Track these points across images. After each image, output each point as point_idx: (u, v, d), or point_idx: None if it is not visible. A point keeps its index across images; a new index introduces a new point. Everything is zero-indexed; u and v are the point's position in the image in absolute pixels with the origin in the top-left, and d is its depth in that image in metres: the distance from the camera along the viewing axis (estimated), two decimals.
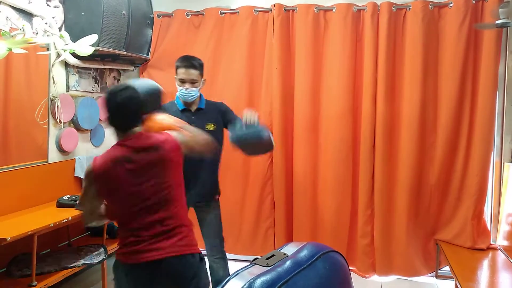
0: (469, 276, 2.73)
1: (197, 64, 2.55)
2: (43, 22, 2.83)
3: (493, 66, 3.07)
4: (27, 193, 2.84)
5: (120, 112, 1.74)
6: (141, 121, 1.79)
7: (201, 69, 2.57)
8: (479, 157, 3.13)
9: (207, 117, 2.57)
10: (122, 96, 1.72)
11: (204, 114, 2.58)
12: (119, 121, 1.76)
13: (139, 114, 1.78)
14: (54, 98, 3.04)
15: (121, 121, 1.76)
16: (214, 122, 2.57)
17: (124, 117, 1.75)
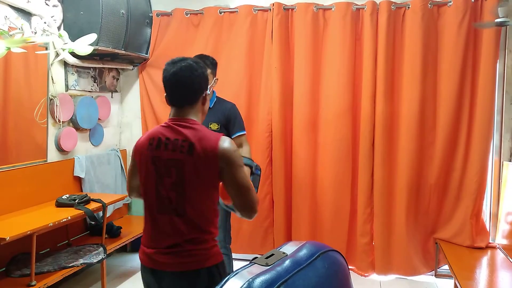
0: (468, 274, 2.74)
1: (210, 63, 2.60)
2: (42, 21, 2.82)
3: (492, 65, 3.08)
4: (26, 193, 2.84)
5: (172, 83, 1.57)
6: (195, 100, 1.58)
7: (212, 67, 2.61)
8: (478, 156, 3.13)
9: (212, 117, 2.59)
10: (178, 66, 1.56)
11: (210, 113, 2.50)
12: (170, 94, 1.59)
13: (192, 89, 1.57)
14: (53, 98, 3.03)
15: (172, 94, 1.58)
16: (217, 122, 2.62)
17: (175, 90, 1.57)
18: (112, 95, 3.75)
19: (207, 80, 1.63)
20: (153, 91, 3.72)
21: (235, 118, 2.66)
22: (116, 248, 3.20)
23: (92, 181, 3.37)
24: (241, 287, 0.64)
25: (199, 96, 1.59)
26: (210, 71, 2.54)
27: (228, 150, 1.49)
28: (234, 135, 2.62)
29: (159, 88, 3.71)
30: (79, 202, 2.83)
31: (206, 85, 1.62)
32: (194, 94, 1.58)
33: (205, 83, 1.61)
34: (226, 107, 2.68)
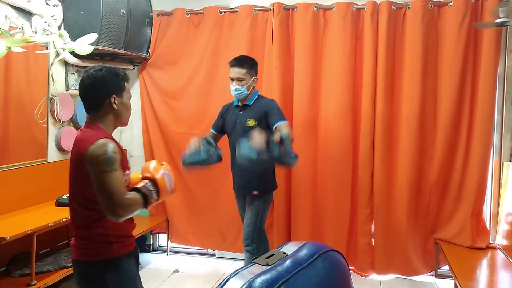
0: (468, 275, 2.74)
1: (244, 63, 2.77)
2: (42, 21, 2.82)
3: (492, 65, 3.08)
4: (26, 192, 2.84)
5: (79, 94, 1.71)
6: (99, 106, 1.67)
7: (249, 67, 2.76)
8: (479, 156, 3.13)
9: (250, 113, 2.76)
10: (81, 79, 1.69)
11: (249, 110, 2.78)
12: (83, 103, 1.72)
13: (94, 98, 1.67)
14: (54, 97, 3.03)
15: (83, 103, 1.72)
16: (255, 118, 2.73)
17: (82, 100, 1.71)
18: None
19: (106, 86, 1.66)
20: (154, 91, 3.72)
21: (272, 110, 2.71)
22: None
23: None
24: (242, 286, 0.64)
25: (98, 103, 1.67)
26: (246, 71, 2.74)
27: (90, 155, 1.55)
28: (274, 126, 2.64)
29: (160, 88, 3.71)
30: None
31: (106, 91, 1.65)
32: (90, 102, 1.68)
33: (105, 89, 1.66)
34: (264, 103, 2.78)
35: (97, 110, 1.68)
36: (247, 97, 2.81)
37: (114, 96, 1.68)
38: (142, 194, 1.62)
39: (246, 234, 2.81)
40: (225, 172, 3.59)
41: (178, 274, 3.51)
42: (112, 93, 1.67)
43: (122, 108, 1.72)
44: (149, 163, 1.79)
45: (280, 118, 2.68)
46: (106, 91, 1.66)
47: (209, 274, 3.50)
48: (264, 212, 2.84)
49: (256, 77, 2.82)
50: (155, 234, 4.00)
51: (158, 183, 1.68)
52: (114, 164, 1.56)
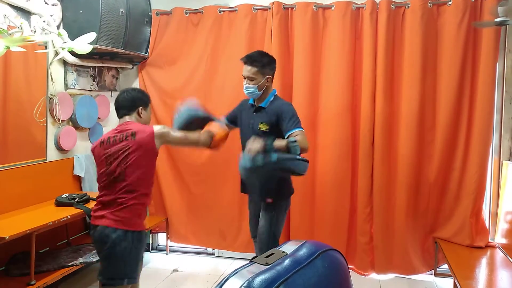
0: (467, 274, 2.74)
1: (255, 60, 2.47)
2: (41, 20, 2.81)
3: (491, 64, 3.08)
4: (25, 192, 2.84)
5: (115, 104, 2.33)
6: (130, 112, 2.28)
7: (261, 66, 2.47)
8: (478, 155, 3.13)
9: (263, 116, 2.51)
10: (119, 93, 2.36)
11: (262, 113, 2.53)
12: (117, 111, 2.33)
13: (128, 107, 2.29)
14: (53, 97, 3.03)
15: (117, 111, 2.33)
16: (267, 122, 2.48)
17: (118, 107, 2.31)
18: (111, 94, 3.75)
19: (139, 99, 2.32)
20: (153, 90, 3.72)
21: (285, 115, 2.43)
22: None
23: (92, 180, 3.36)
24: (241, 286, 0.64)
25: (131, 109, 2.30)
26: (256, 70, 2.46)
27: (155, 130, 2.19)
28: (287, 134, 2.39)
29: (159, 87, 3.71)
30: (78, 201, 2.83)
31: (138, 103, 2.30)
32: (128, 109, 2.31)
33: (138, 101, 2.31)
34: (278, 106, 2.49)
35: (130, 115, 2.28)
36: (262, 98, 2.54)
37: (142, 107, 2.30)
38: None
39: (260, 243, 2.59)
40: (225, 171, 3.60)
41: (177, 274, 3.51)
42: (140, 105, 2.30)
43: (145, 116, 2.33)
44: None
45: (293, 125, 2.40)
46: (138, 103, 2.30)
47: (209, 273, 3.50)
48: (278, 220, 2.58)
49: (269, 76, 2.51)
50: (155, 234, 4.00)
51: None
52: (172, 131, 2.30)
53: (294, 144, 2.25)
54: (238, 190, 3.57)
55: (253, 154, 2.15)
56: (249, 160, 2.16)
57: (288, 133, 2.39)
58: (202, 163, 3.65)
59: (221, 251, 3.82)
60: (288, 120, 2.41)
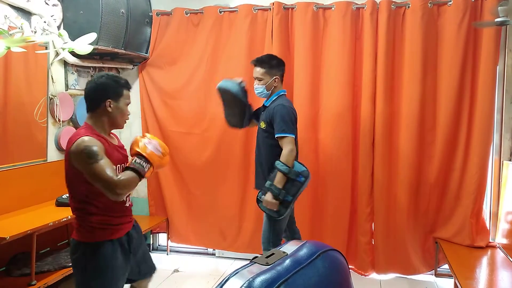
0: (468, 274, 2.74)
1: (263, 62, 2.69)
2: (42, 20, 2.82)
3: (492, 64, 3.07)
4: (26, 192, 2.84)
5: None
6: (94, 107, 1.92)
7: (269, 67, 2.68)
8: (478, 155, 3.13)
9: (264, 115, 2.70)
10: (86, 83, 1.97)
11: (265, 111, 2.72)
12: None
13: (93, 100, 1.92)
14: (53, 97, 3.03)
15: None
16: (265, 121, 2.67)
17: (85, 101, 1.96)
18: None
19: (104, 91, 1.89)
20: (153, 91, 3.72)
21: (275, 117, 2.57)
22: None
23: None
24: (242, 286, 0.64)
25: (93, 104, 1.91)
26: (264, 71, 2.66)
27: (74, 153, 1.76)
28: (276, 136, 2.58)
29: (159, 87, 3.71)
30: None
31: (101, 96, 1.88)
32: (89, 103, 1.93)
33: (100, 93, 1.88)
34: (274, 106, 2.64)
35: (94, 111, 1.91)
36: (269, 98, 2.74)
37: (110, 100, 1.89)
38: (132, 169, 1.78)
39: (263, 237, 2.74)
40: (225, 172, 3.60)
41: (178, 274, 3.51)
42: (108, 98, 1.88)
43: (116, 112, 1.91)
44: (131, 143, 1.92)
45: (279, 129, 2.54)
46: (103, 95, 1.88)
47: (209, 274, 3.50)
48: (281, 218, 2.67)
49: (277, 77, 2.69)
50: (155, 234, 4.00)
51: (142, 154, 1.83)
52: (97, 155, 1.73)
53: (291, 173, 2.50)
54: (238, 190, 3.61)
55: (274, 209, 2.52)
56: (274, 213, 2.54)
57: (276, 135, 2.58)
58: (202, 163, 3.65)
59: (222, 251, 3.82)
60: (276, 122, 2.58)
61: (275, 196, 2.49)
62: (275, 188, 2.50)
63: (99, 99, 1.89)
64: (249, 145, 3.51)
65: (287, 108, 2.60)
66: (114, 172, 1.75)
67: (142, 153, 1.83)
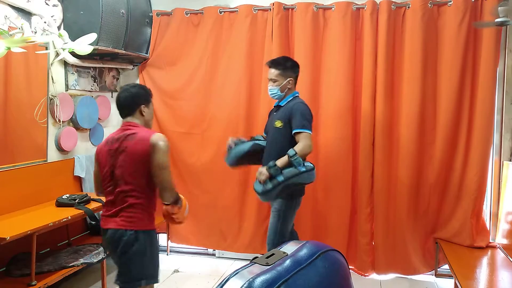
0: (468, 274, 2.74)
1: (278, 64, 2.73)
2: (42, 21, 2.82)
3: (492, 65, 3.07)
4: (26, 192, 2.84)
5: (117, 104, 2.25)
6: (132, 112, 2.21)
7: (283, 69, 2.71)
8: (478, 156, 3.13)
9: (280, 114, 2.72)
10: (119, 92, 2.26)
11: (280, 111, 2.75)
12: (119, 111, 2.25)
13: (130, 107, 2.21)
14: (53, 97, 3.03)
15: (119, 111, 2.25)
16: (282, 119, 2.68)
17: (119, 108, 2.24)
18: (112, 95, 3.75)
19: (138, 98, 2.22)
20: (153, 91, 3.62)
21: (295, 114, 2.62)
22: None
23: (92, 181, 3.36)
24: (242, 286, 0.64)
25: (130, 110, 2.21)
26: (279, 73, 2.70)
27: (161, 141, 2.12)
28: (293, 132, 2.61)
29: (159, 87, 3.71)
30: (79, 202, 2.83)
31: (136, 102, 2.21)
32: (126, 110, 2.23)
33: (136, 100, 2.21)
34: (292, 105, 2.69)
35: (132, 115, 2.20)
36: (282, 99, 2.76)
37: (143, 105, 2.22)
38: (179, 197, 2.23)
39: (268, 238, 2.76)
40: (225, 172, 3.60)
41: (178, 274, 3.51)
42: (142, 104, 2.22)
43: (148, 115, 2.26)
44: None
45: (299, 125, 2.59)
46: (138, 102, 2.21)
47: (209, 274, 3.50)
48: (286, 217, 2.72)
49: (291, 79, 2.73)
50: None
51: (183, 202, 2.30)
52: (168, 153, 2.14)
53: (295, 158, 2.48)
54: (239, 190, 3.61)
55: (261, 181, 2.45)
56: (259, 186, 2.52)
57: (294, 131, 2.59)
58: (202, 163, 3.65)
59: (222, 252, 3.82)
60: (296, 118, 2.61)
61: (268, 168, 2.51)
62: (273, 163, 2.52)
63: (135, 106, 2.19)
64: None
65: (307, 107, 2.69)
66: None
67: (184, 203, 2.30)
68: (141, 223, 2.12)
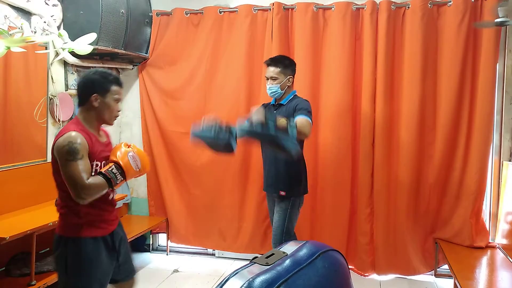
0: (468, 274, 2.74)
1: (278, 62, 2.71)
2: (42, 20, 2.82)
3: (492, 65, 3.08)
4: (26, 192, 2.84)
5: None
6: (83, 102, 1.93)
7: (283, 67, 2.70)
8: (478, 156, 3.13)
9: (282, 112, 2.68)
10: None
11: (282, 109, 2.73)
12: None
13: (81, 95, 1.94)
14: (53, 97, 3.03)
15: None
16: (286, 117, 2.58)
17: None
18: None
19: (91, 85, 1.90)
20: (153, 91, 3.72)
21: (299, 109, 2.58)
22: None
23: None
24: (241, 286, 0.64)
25: (82, 99, 1.93)
26: (279, 70, 2.69)
27: (57, 146, 1.79)
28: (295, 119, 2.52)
29: (159, 87, 3.71)
30: None
31: (88, 91, 1.89)
32: (79, 98, 1.95)
33: (88, 88, 1.90)
34: (295, 102, 2.67)
35: (83, 105, 1.92)
36: (282, 97, 2.75)
37: (96, 95, 1.89)
38: (104, 175, 1.81)
39: (274, 238, 2.76)
40: (225, 172, 3.60)
41: (177, 274, 3.51)
42: (95, 92, 1.89)
43: (103, 107, 1.91)
44: (116, 146, 1.96)
45: (301, 113, 2.55)
46: (90, 90, 1.89)
47: (209, 274, 3.50)
48: (291, 216, 2.72)
49: (291, 77, 2.73)
50: (155, 234, 4.00)
51: (121, 165, 1.86)
52: (77, 154, 1.76)
53: (292, 126, 2.35)
54: (238, 190, 3.61)
55: (255, 121, 2.29)
56: (249, 125, 2.31)
57: (295, 118, 2.53)
58: (202, 163, 3.65)
59: (221, 252, 3.82)
60: (299, 110, 2.59)
61: (266, 117, 2.31)
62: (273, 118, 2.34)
63: (87, 94, 1.90)
64: (249, 145, 3.51)
65: (309, 103, 2.69)
66: (87, 174, 1.78)
67: (122, 165, 1.86)
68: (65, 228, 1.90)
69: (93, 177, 1.79)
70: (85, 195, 1.75)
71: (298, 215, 2.81)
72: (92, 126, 1.93)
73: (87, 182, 1.74)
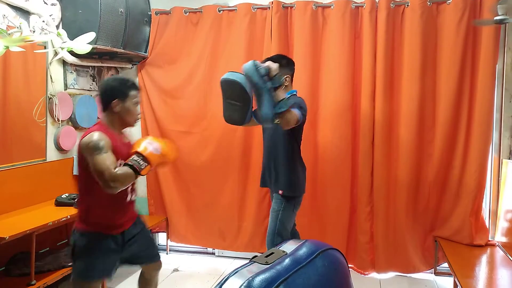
0: (467, 272, 2.74)
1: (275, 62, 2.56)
2: (41, 20, 2.81)
3: (491, 63, 3.07)
4: (25, 192, 2.84)
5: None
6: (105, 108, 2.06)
7: (281, 68, 2.57)
8: (478, 154, 3.13)
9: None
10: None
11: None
12: None
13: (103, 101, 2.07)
14: (52, 97, 3.03)
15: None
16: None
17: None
18: None
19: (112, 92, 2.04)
20: (152, 90, 3.72)
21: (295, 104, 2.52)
22: None
23: None
24: (241, 285, 0.64)
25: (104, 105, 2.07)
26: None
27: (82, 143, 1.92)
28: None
29: (158, 86, 3.71)
30: None
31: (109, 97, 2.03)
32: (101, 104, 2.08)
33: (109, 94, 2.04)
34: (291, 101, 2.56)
35: (105, 111, 2.06)
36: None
37: (117, 100, 2.02)
38: (129, 165, 1.91)
39: (266, 238, 2.73)
40: (225, 171, 3.60)
41: (177, 273, 3.51)
42: (115, 98, 2.02)
43: (124, 111, 2.05)
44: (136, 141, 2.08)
45: (292, 107, 2.46)
46: (110, 97, 2.03)
47: (209, 273, 3.50)
48: (283, 218, 2.67)
49: (288, 76, 2.68)
50: (155, 233, 4.00)
51: (141, 153, 1.96)
52: (101, 148, 1.88)
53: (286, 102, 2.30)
54: (238, 189, 3.61)
55: (262, 68, 2.27)
56: (254, 66, 2.28)
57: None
58: (202, 162, 3.65)
59: (221, 251, 3.83)
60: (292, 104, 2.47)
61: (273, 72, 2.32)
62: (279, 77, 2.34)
63: (108, 100, 2.03)
64: (248, 144, 3.51)
65: (305, 103, 2.66)
66: (114, 165, 1.87)
67: (142, 153, 1.96)
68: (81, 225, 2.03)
69: (119, 168, 1.90)
70: (114, 183, 1.84)
71: (292, 217, 2.77)
72: (114, 128, 2.07)
73: (113, 171, 1.85)
